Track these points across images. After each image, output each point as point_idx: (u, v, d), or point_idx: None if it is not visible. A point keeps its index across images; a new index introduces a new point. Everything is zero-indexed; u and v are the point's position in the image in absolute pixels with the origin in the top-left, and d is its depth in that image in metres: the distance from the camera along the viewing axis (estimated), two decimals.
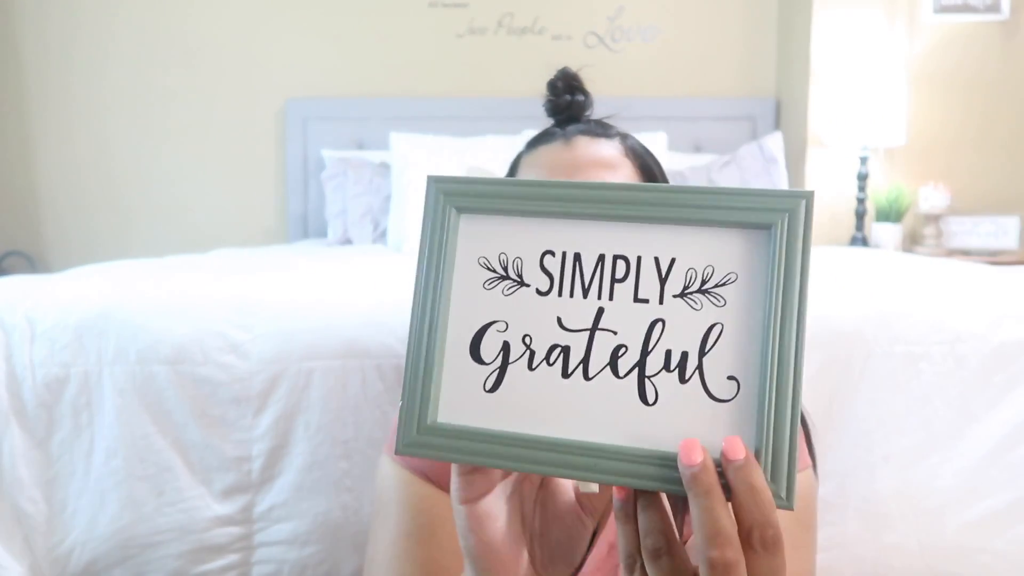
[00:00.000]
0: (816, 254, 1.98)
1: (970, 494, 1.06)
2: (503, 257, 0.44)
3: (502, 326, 0.43)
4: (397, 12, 3.23)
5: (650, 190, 0.42)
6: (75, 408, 1.07)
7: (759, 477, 0.37)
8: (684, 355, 0.41)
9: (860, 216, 2.82)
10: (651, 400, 0.41)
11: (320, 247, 2.59)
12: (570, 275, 0.43)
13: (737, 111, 3.20)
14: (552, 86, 0.82)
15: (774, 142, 2.88)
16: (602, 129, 0.81)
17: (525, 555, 0.47)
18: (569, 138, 0.80)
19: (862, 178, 2.82)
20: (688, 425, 0.40)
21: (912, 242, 3.01)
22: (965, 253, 2.82)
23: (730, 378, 0.40)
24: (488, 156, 2.72)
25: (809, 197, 0.40)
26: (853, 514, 1.08)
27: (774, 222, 0.40)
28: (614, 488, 0.41)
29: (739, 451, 0.37)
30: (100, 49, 3.24)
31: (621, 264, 0.42)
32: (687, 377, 0.40)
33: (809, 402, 1.01)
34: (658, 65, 3.23)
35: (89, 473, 1.07)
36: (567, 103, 0.82)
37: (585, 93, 0.83)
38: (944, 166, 2.94)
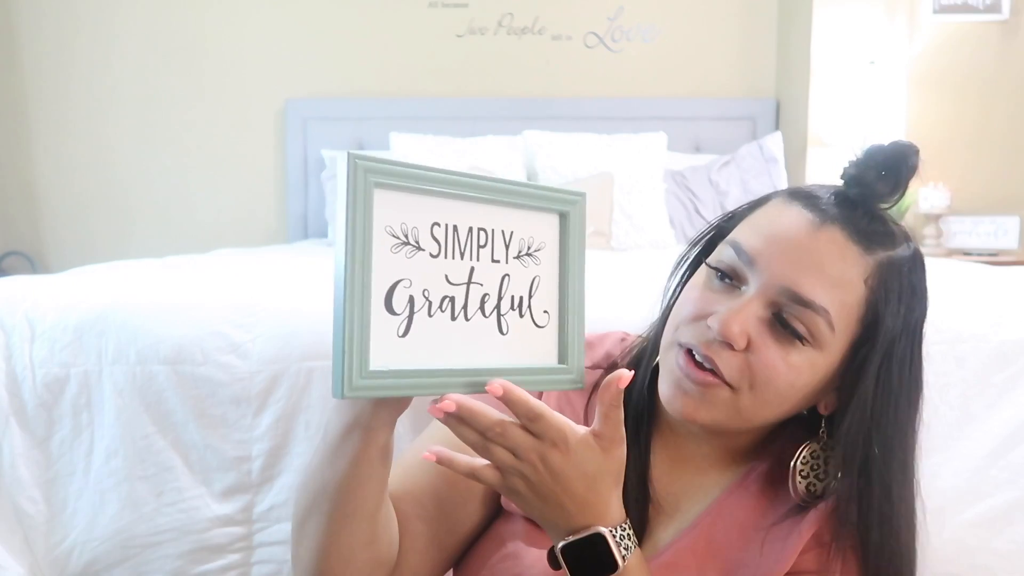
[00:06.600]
0: None
1: (970, 494, 1.06)
2: (404, 226, 0.54)
3: (407, 283, 0.54)
4: (397, 12, 3.23)
5: (499, 183, 0.58)
6: (75, 408, 1.07)
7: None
8: (521, 299, 0.59)
9: None
10: (505, 331, 0.58)
11: (320, 247, 2.59)
12: (452, 242, 0.56)
13: (737, 111, 3.20)
14: (873, 154, 0.66)
15: (774, 142, 2.89)
16: (866, 240, 0.65)
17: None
18: (825, 223, 0.65)
19: None
20: (525, 345, 0.59)
21: None
22: (965, 253, 2.82)
23: (544, 312, 0.60)
24: (488, 156, 2.72)
25: (583, 197, 0.62)
26: None
27: (568, 210, 0.61)
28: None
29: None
30: (99, 49, 3.24)
31: (483, 234, 0.57)
32: (523, 313, 0.59)
33: None
34: (658, 65, 3.22)
35: (89, 473, 1.07)
36: (871, 189, 0.66)
37: (903, 193, 0.66)
38: (944, 166, 2.94)
